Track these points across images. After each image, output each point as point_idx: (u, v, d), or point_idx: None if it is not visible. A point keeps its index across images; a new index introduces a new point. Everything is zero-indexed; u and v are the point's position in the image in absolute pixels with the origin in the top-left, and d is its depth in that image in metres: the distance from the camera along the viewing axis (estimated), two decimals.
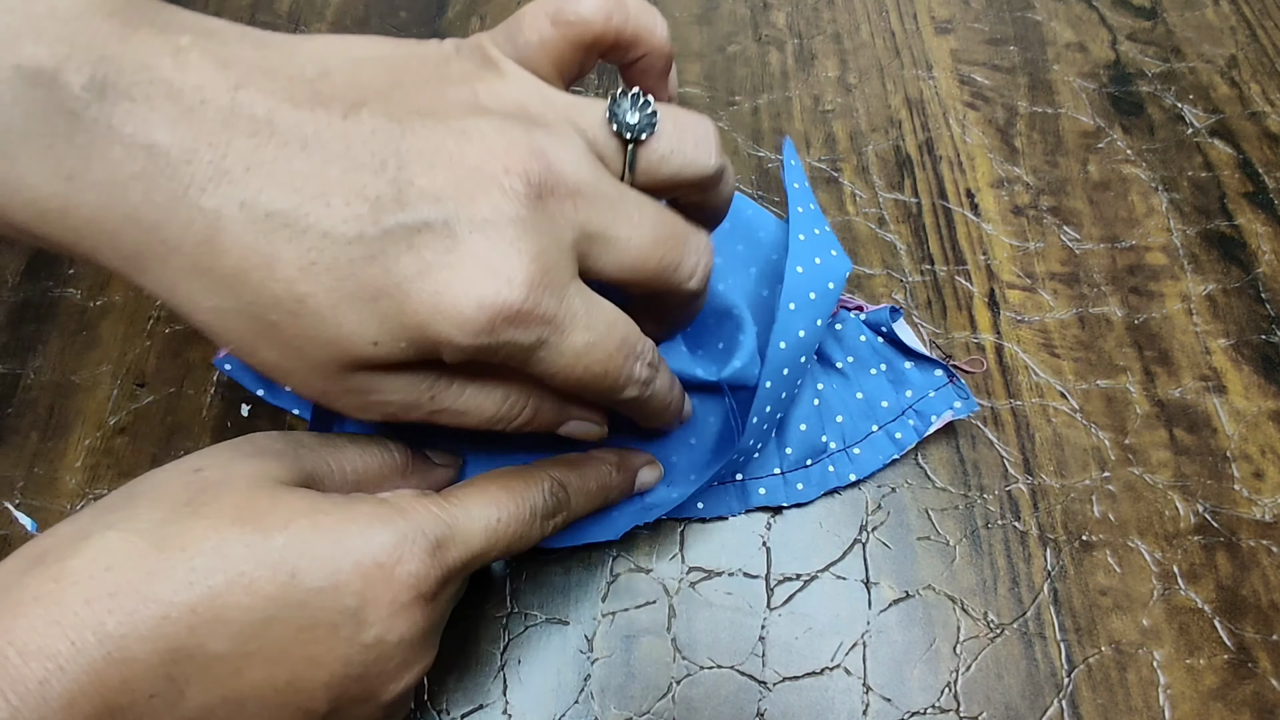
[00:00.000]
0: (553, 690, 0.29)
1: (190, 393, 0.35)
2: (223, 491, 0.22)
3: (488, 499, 0.25)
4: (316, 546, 0.21)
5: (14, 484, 0.33)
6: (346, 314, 0.20)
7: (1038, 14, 0.47)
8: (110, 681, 0.19)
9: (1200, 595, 0.31)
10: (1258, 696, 0.29)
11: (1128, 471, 0.33)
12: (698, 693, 0.29)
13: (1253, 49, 0.45)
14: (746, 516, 0.32)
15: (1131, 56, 0.45)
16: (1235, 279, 0.38)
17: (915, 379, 0.34)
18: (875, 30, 0.46)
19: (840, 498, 0.33)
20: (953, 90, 0.43)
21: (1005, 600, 0.31)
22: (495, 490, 0.25)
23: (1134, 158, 0.41)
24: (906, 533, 0.32)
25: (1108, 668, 0.30)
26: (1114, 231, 0.39)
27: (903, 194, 0.40)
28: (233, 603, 0.20)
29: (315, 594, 0.21)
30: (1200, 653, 0.30)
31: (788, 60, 0.45)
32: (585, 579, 0.31)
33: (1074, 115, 0.43)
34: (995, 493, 0.33)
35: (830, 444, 0.33)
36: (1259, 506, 0.32)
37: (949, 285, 0.37)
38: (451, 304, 0.19)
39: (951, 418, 0.33)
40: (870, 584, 0.31)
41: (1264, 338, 0.36)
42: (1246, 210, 0.40)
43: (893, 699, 0.29)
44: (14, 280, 0.37)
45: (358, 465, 0.26)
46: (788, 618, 0.31)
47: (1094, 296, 0.37)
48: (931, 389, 0.33)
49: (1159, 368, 0.35)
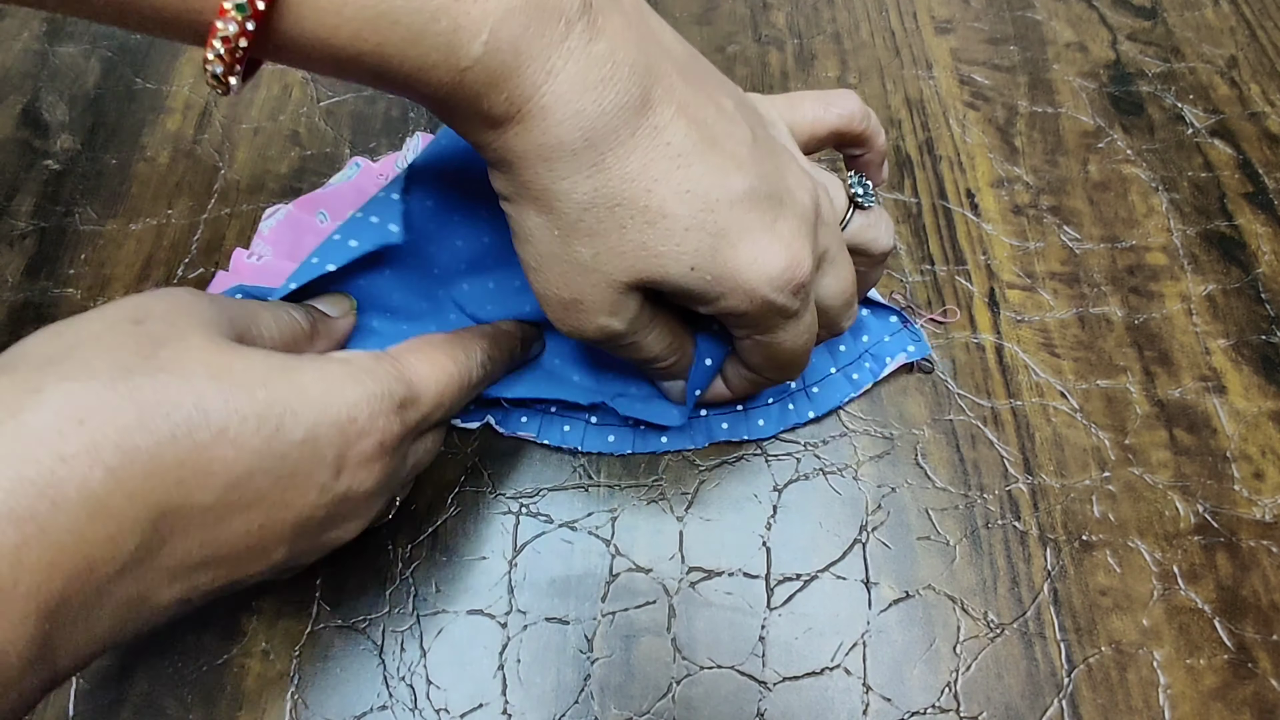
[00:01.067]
0: (553, 690, 0.29)
1: None
2: (182, 348, 0.22)
3: (436, 365, 0.27)
4: (295, 403, 0.22)
5: None
6: (690, 239, 0.24)
7: (1038, 13, 0.47)
8: (94, 539, 0.19)
9: (1200, 595, 0.31)
10: (1258, 696, 0.29)
11: (1128, 471, 0.33)
12: (698, 693, 0.29)
13: (1252, 49, 0.45)
14: (746, 516, 0.32)
15: (1131, 56, 0.45)
16: (1235, 279, 0.38)
17: (872, 325, 0.36)
18: (875, 30, 0.46)
19: (840, 498, 0.33)
20: (953, 90, 0.43)
21: (1005, 600, 0.31)
22: (441, 358, 0.27)
23: (1134, 158, 0.41)
24: (906, 533, 0.32)
25: (1108, 668, 0.30)
26: (1114, 231, 0.39)
27: (903, 194, 0.40)
28: (218, 456, 0.21)
29: (296, 446, 0.22)
30: (1200, 653, 0.30)
31: (788, 60, 0.45)
32: (585, 579, 0.31)
33: (1074, 115, 0.43)
34: (995, 493, 0.33)
35: (791, 383, 0.34)
36: (1259, 507, 0.32)
37: (949, 285, 0.37)
38: (766, 260, 0.24)
39: (905, 359, 0.35)
40: (870, 584, 0.31)
41: (1264, 338, 0.36)
42: (1246, 210, 0.40)
43: (893, 699, 0.29)
44: (14, 280, 0.37)
45: (274, 330, 0.27)
46: (788, 618, 0.31)
47: (1094, 296, 0.37)
48: (886, 334, 0.35)
49: (1159, 368, 0.35)
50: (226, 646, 0.30)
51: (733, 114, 0.25)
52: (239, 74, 0.21)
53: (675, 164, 0.23)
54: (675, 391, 0.33)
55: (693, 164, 0.23)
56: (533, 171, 0.23)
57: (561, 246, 0.24)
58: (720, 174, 0.24)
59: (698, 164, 0.23)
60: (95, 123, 0.42)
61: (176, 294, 0.24)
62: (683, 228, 0.23)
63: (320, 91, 0.43)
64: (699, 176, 0.23)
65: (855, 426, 0.34)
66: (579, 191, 0.23)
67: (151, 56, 0.45)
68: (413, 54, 0.21)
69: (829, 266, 0.27)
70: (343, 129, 0.42)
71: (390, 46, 0.21)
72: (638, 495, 0.33)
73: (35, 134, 0.42)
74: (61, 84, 0.44)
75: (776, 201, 0.25)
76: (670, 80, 0.23)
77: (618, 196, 0.23)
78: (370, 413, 0.24)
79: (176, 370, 0.21)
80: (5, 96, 0.43)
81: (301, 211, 0.36)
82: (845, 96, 0.31)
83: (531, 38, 0.21)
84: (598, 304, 0.25)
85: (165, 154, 0.41)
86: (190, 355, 0.22)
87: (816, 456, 0.34)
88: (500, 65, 0.21)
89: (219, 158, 0.41)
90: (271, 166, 0.41)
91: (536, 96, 0.22)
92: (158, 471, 0.20)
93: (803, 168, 0.27)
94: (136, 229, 0.39)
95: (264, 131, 0.42)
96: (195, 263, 0.38)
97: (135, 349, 0.21)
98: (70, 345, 0.21)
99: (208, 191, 0.40)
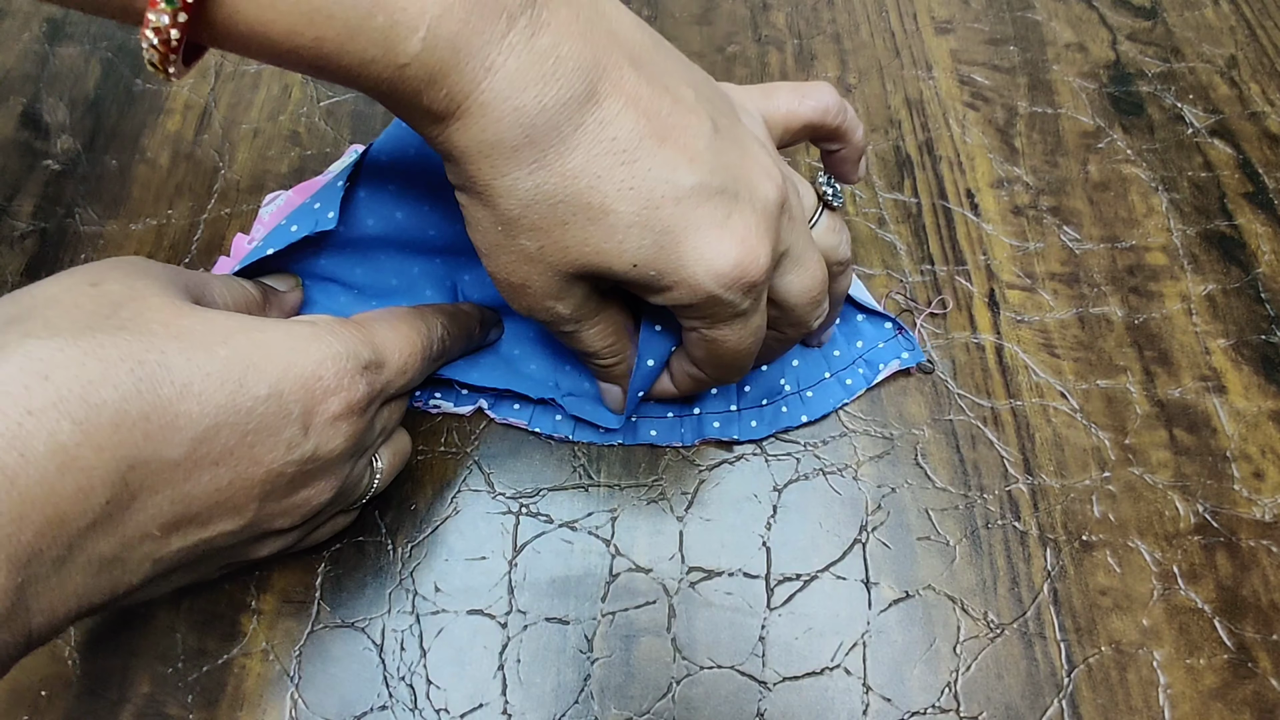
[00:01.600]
0: (553, 690, 0.29)
1: None
2: (141, 308, 0.22)
3: (399, 335, 0.28)
4: (258, 359, 0.23)
5: None
6: (632, 236, 0.24)
7: (1037, 14, 0.47)
8: (64, 491, 0.19)
9: (1200, 595, 0.31)
10: (1258, 696, 0.29)
11: (1128, 471, 0.33)
12: (698, 693, 0.29)
13: (1252, 49, 0.45)
14: (746, 516, 0.32)
15: (1131, 56, 0.45)
16: (1235, 279, 0.38)
17: (867, 331, 0.36)
18: (875, 30, 0.46)
19: (840, 498, 0.33)
20: (952, 90, 0.43)
21: (1005, 600, 0.31)
22: (404, 328, 0.28)
23: (1134, 158, 0.41)
24: (906, 533, 0.32)
25: (1108, 668, 0.30)
26: (1114, 231, 0.39)
27: (903, 194, 0.40)
28: (184, 411, 0.21)
29: (261, 401, 0.22)
30: (1200, 653, 0.30)
31: (787, 61, 0.45)
32: (585, 579, 0.31)
33: (1074, 115, 0.43)
34: (995, 493, 0.33)
35: (785, 386, 0.35)
36: (1259, 506, 0.32)
37: (949, 285, 0.37)
38: (713, 257, 0.24)
39: (899, 366, 0.35)
40: (870, 584, 0.31)
41: (1263, 338, 0.36)
42: (1246, 210, 0.40)
43: (893, 699, 0.29)
44: (14, 281, 0.37)
45: (227, 298, 0.27)
46: (788, 618, 0.31)
47: (1094, 296, 0.37)
48: (881, 340, 0.35)
49: (1159, 368, 0.35)
50: (227, 647, 0.30)
51: (692, 104, 0.24)
52: (176, 62, 0.21)
53: (619, 160, 0.23)
54: (611, 396, 0.33)
55: (639, 159, 0.23)
56: (475, 166, 0.23)
57: (506, 238, 0.25)
58: (668, 168, 0.23)
59: (644, 159, 0.23)
60: (95, 124, 0.42)
61: (131, 260, 0.25)
62: (625, 225, 0.23)
63: (320, 91, 0.43)
64: (644, 173, 0.23)
65: (855, 426, 0.34)
66: (521, 188, 0.23)
67: None
68: (351, 49, 0.21)
69: (792, 264, 0.27)
70: (343, 129, 0.42)
71: (328, 41, 0.21)
72: (638, 495, 0.33)
73: (35, 135, 0.42)
74: (62, 85, 0.44)
75: (731, 196, 0.24)
76: (620, 73, 0.23)
77: (560, 193, 0.23)
78: (336, 371, 0.24)
79: (137, 328, 0.21)
80: (6, 98, 0.43)
81: (299, 196, 0.37)
82: (820, 89, 0.30)
83: (471, 34, 0.21)
84: (543, 290, 0.26)
85: (165, 155, 0.41)
86: (150, 315, 0.22)
87: (816, 456, 0.34)
88: (439, 62, 0.21)
89: (219, 158, 0.41)
90: (271, 167, 0.41)
91: (475, 93, 0.22)
92: (124, 425, 0.20)
93: (771, 160, 0.26)
94: (137, 230, 0.39)
95: (264, 132, 0.42)
96: (195, 263, 0.38)
97: (94, 309, 0.22)
98: (29, 307, 0.22)
99: (208, 192, 0.40)
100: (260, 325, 0.24)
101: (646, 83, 0.24)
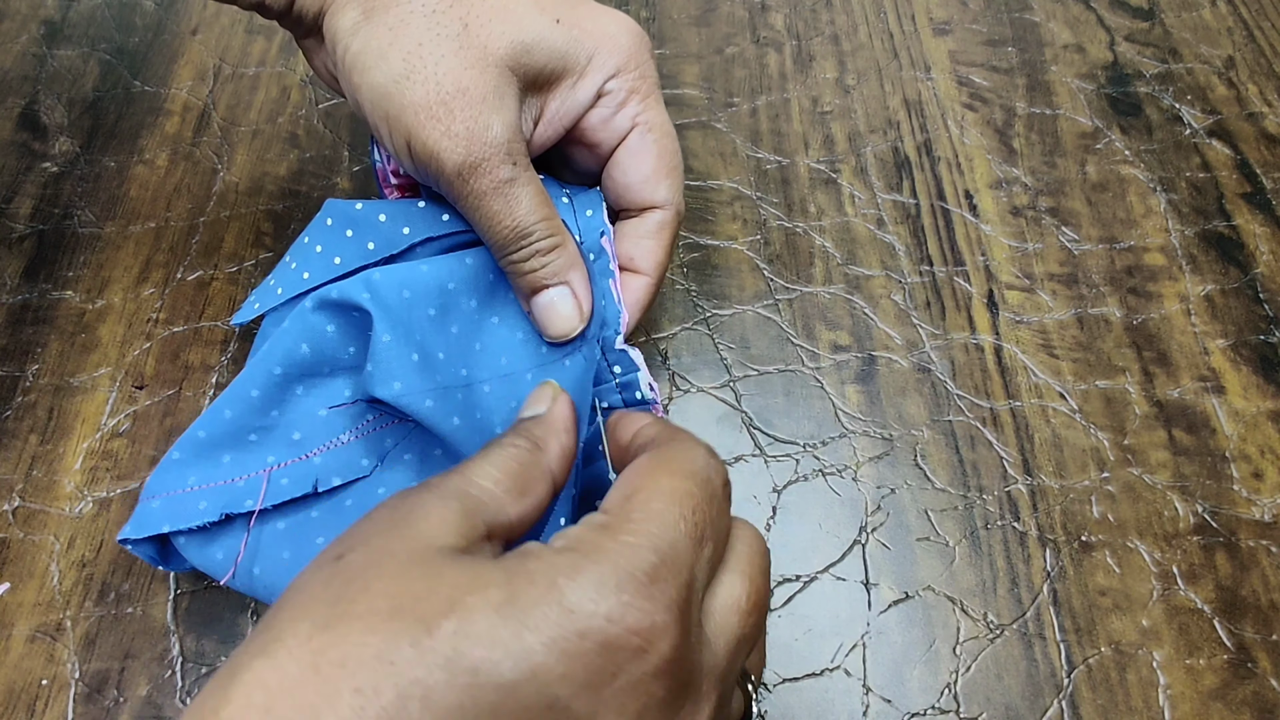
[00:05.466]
0: None
1: (189, 395, 0.35)
2: (371, 579, 0.18)
3: (666, 510, 0.20)
4: (495, 628, 0.17)
5: (12, 487, 0.33)
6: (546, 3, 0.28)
7: (1035, 15, 0.47)
8: None
9: (1200, 595, 0.31)
10: (1258, 696, 0.29)
11: (1127, 472, 0.33)
12: None
13: (1250, 50, 0.45)
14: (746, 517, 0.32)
15: (1129, 57, 0.45)
16: (1233, 279, 0.38)
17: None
18: (873, 32, 0.46)
19: (839, 499, 0.33)
20: (951, 91, 0.44)
21: (1005, 601, 0.31)
22: (661, 505, 0.20)
23: (1132, 158, 0.41)
24: (906, 534, 0.32)
25: (1108, 668, 0.30)
26: (1112, 232, 0.39)
27: (901, 195, 0.40)
28: (412, 718, 0.16)
29: (507, 692, 0.16)
30: (1200, 653, 0.30)
31: (786, 62, 0.45)
32: None
33: (1072, 116, 0.43)
34: (995, 493, 0.33)
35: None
36: (1258, 506, 0.32)
37: (948, 286, 0.37)
38: (622, 19, 0.30)
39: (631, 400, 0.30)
40: (870, 585, 0.31)
41: (1262, 338, 0.36)
42: (1244, 211, 0.40)
43: (893, 700, 0.29)
44: (13, 282, 0.37)
45: (501, 474, 0.21)
46: (787, 619, 0.31)
47: (1093, 297, 0.37)
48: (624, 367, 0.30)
49: (1158, 368, 0.35)
50: (226, 649, 0.30)
51: None
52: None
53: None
54: (562, 305, 0.28)
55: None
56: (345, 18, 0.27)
57: (430, 32, 0.26)
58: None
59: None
60: (94, 125, 0.42)
61: (397, 500, 0.20)
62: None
63: (318, 94, 0.43)
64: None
65: (854, 427, 0.34)
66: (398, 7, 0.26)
67: (150, 59, 0.45)
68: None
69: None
70: (341, 131, 0.42)
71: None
72: None
73: (34, 137, 0.42)
74: (60, 87, 0.44)
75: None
76: None
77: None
78: (612, 615, 0.17)
79: (359, 614, 0.17)
80: (4, 99, 0.43)
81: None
82: None
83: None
84: (480, 90, 0.26)
85: (164, 157, 0.41)
86: (375, 588, 0.18)
87: (815, 458, 0.34)
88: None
89: (217, 160, 0.41)
90: (270, 169, 0.41)
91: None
92: None
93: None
94: (135, 231, 0.39)
95: (262, 134, 0.42)
96: (194, 265, 0.38)
97: (327, 595, 0.18)
98: (277, 606, 0.19)
99: (206, 194, 0.40)
100: (496, 570, 0.18)
101: None
